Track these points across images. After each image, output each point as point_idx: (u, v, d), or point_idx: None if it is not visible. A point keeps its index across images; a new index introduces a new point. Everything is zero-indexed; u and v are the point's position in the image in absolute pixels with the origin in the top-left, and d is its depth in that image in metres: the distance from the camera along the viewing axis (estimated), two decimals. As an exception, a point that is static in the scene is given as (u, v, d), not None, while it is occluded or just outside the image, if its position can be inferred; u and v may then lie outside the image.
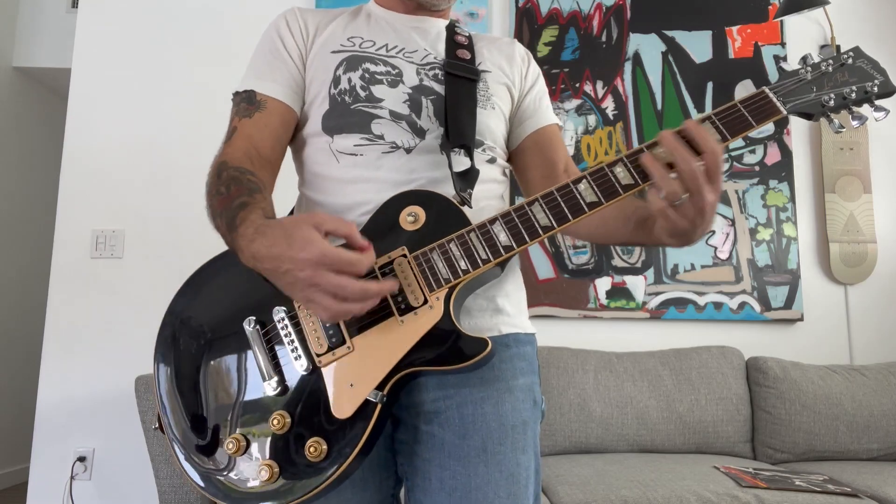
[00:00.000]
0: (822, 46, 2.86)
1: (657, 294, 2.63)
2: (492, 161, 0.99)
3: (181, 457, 0.82)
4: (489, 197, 0.96)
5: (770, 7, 2.84)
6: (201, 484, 0.80)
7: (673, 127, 0.76)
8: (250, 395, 0.80)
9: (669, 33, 2.81)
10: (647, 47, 2.80)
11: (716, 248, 2.67)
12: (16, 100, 3.81)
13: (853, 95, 0.81)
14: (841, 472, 2.06)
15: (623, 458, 2.16)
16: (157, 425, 0.85)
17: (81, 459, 2.35)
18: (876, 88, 0.81)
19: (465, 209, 0.84)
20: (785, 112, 0.80)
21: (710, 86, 2.77)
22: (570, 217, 0.78)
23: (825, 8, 2.63)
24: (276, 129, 0.94)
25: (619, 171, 0.78)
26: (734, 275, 2.65)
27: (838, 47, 0.89)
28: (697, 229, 0.75)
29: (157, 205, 2.53)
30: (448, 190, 0.88)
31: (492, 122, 0.99)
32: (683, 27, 2.82)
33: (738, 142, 2.73)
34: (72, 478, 2.33)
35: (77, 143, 2.57)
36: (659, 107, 2.75)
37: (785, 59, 2.75)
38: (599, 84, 2.77)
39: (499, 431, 0.86)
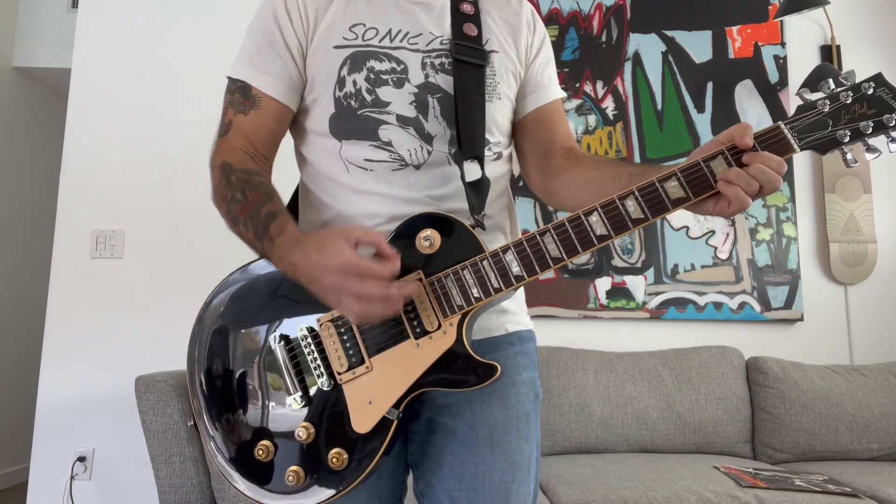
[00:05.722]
0: (823, 47, 2.86)
1: (657, 294, 2.63)
2: (498, 157, 0.99)
3: (218, 457, 0.88)
4: (496, 194, 0.98)
5: (770, 7, 2.83)
6: (236, 482, 0.87)
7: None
8: (278, 406, 0.86)
9: (669, 33, 2.81)
10: (647, 47, 2.80)
11: (716, 248, 2.67)
12: (16, 100, 3.81)
13: (869, 130, 0.78)
14: (841, 472, 2.06)
15: (623, 458, 2.16)
16: (192, 422, 0.93)
17: (81, 459, 2.35)
18: (893, 122, 0.77)
19: (478, 231, 0.86)
20: (798, 150, 0.78)
21: (710, 86, 2.77)
22: (579, 249, 0.80)
23: (825, 8, 2.63)
24: (271, 128, 0.94)
25: (630, 204, 0.79)
26: (734, 275, 2.65)
27: (852, 73, 0.82)
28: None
29: (157, 205, 2.52)
30: (458, 205, 0.91)
31: (498, 115, 0.98)
32: (683, 27, 2.82)
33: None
34: (72, 478, 2.33)
35: (77, 143, 2.56)
36: (659, 107, 2.75)
37: (785, 59, 2.76)
38: (599, 84, 2.77)
39: (504, 422, 0.92)
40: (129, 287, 2.47)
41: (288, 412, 0.85)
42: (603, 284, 2.63)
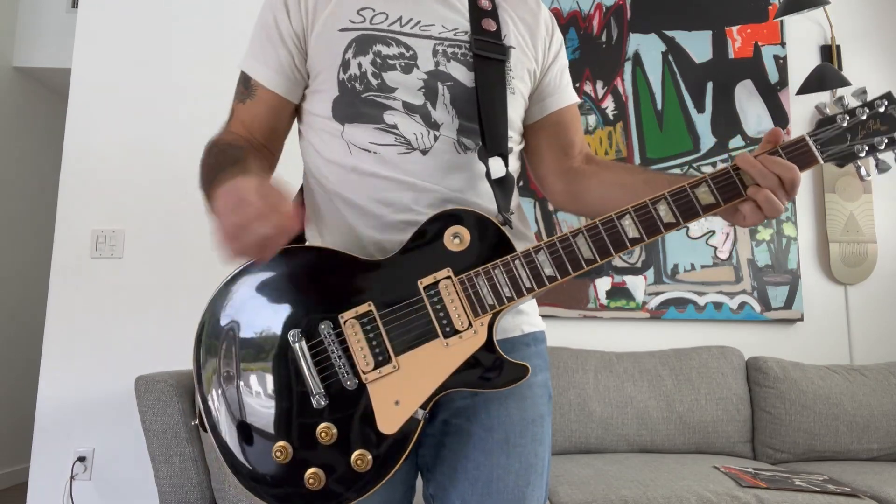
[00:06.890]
0: (823, 47, 2.86)
1: (657, 294, 2.63)
2: (511, 153, 0.98)
3: (230, 457, 0.83)
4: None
5: (770, 7, 2.83)
6: (248, 487, 0.81)
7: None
8: (298, 406, 0.81)
9: (669, 33, 2.81)
10: (647, 47, 2.80)
11: (716, 248, 2.67)
12: (16, 100, 3.81)
13: (882, 146, 0.82)
14: (841, 472, 2.07)
15: (623, 458, 2.17)
16: (196, 421, 0.85)
17: (81, 459, 2.35)
18: None
19: (506, 229, 0.85)
20: (822, 161, 0.81)
21: (710, 86, 2.77)
22: (612, 251, 0.81)
23: (825, 8, 2.63)
24: (265, 118, 0.96)
25: (662, 208, 0.81)
26: (734, 275, 2.65)
27: (864, 91, 0.87)
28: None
29: (157, 205, 2.52)
30: (475, 199, 0.90)
31: (513, 111, 0.97)
32: (683, 27, 2.82)
33: (737, 141, 2.73)
34: (72, 478, 2.33)
35: (77, 143, 2.56)
36: (659, 107, 2.75)
37: (785, 59, 2.75)
38: (599, 84, 2.77)
39: (520, 425, 0.91)
40: (129, 287, 2.47)
41: (308, 412, 0.80)
42: (603, 284, 2.63)
